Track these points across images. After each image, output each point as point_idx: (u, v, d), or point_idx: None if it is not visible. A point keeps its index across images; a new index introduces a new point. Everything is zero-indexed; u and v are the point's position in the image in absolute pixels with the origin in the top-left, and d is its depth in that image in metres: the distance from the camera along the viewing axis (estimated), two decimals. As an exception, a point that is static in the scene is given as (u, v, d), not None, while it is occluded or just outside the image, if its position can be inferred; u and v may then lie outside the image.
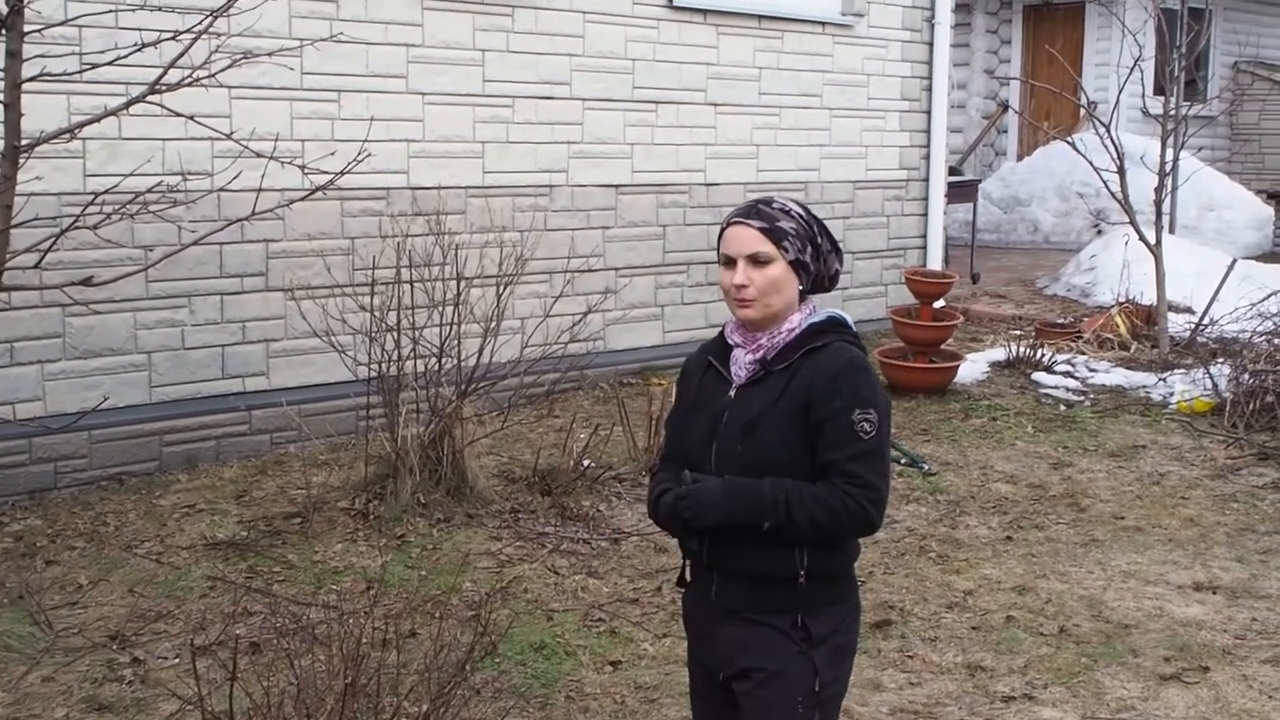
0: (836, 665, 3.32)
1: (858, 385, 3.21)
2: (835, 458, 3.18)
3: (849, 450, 3.17)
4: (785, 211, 3.31)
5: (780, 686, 3.26)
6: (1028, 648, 5.78)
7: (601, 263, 9.63)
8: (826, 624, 3.28)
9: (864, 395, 3.20)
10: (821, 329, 3.32)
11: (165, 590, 6.02)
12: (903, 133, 11.72)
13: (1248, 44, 22.08)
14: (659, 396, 8.24)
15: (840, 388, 3.20)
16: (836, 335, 3.32)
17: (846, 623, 3.35)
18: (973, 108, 23.75)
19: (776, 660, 3.26)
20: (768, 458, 3.23)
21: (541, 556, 6.54)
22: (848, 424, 3.18)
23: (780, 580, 3.25)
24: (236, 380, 7.90)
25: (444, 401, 7.03)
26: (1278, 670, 5.62)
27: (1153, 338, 11.47)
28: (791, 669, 3.26)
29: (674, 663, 5.51)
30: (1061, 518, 7.50)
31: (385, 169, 8.31)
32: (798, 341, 3.30)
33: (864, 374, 3.25)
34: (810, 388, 3.22)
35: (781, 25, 10.69)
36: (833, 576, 3.31)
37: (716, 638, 3.38)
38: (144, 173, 6.90)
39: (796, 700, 3.26)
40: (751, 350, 3.34)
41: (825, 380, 3.21)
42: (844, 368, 3.23)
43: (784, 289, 3.29)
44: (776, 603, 3.27)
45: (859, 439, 3.18)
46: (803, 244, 3.29)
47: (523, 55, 9.04)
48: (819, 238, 3.33)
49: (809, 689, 3.26)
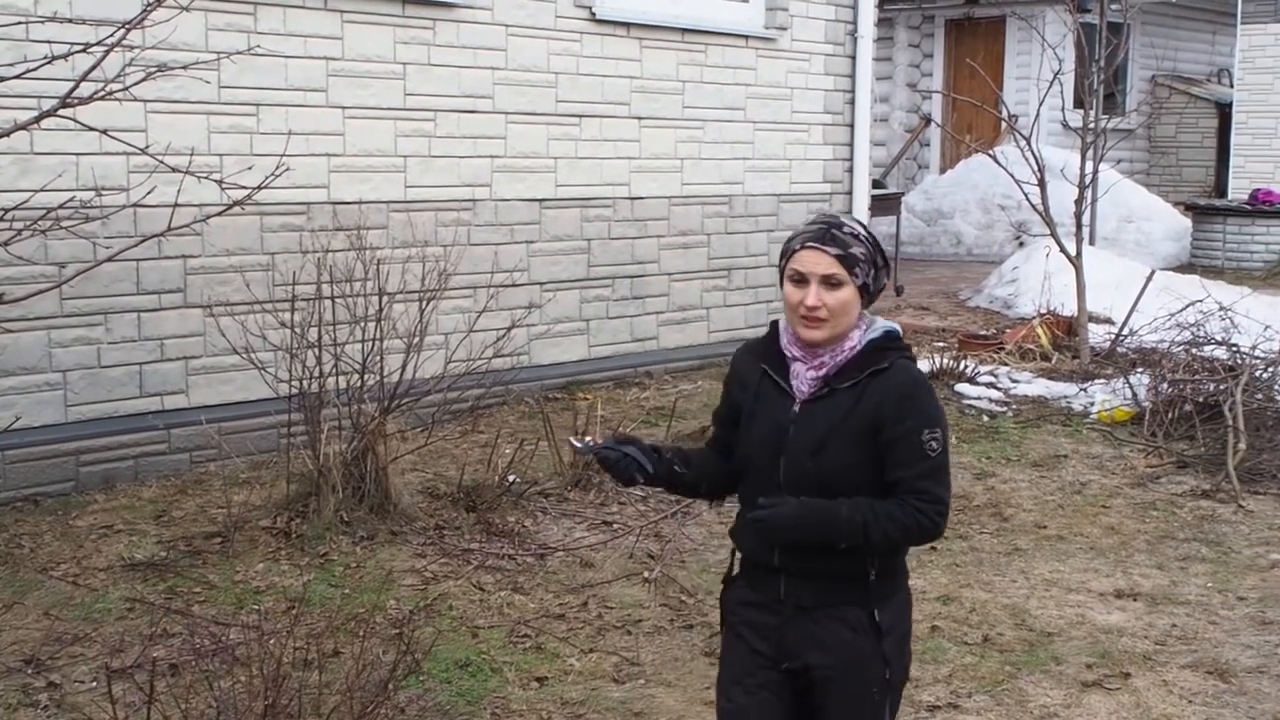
0: (903, 653, 3.52)
1: (926, 405, 3.39)
2: (905, 475, 3.35)
3: (919, 468, 3.35)
4: (855, 236, 3.43)
5: (857, 679, 3.44)
6: (952, 657, 5.79)
7: (525, 277, 9.59)
8: (891, 614, 3.46)
9: (931, 415, 3.39)
10: (881, 346, 3.45)
11: (82, 613, 5.91)
12: (826, 146, 11.74)
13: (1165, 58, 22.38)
14: (584, 411, 8.22)
15: (910, 409, 3.36)
16: (897, 353, 3.45)
17: (906, 610, 3.56)
18: (895, 121, 23.92)
19: (851, 654, 3.42)
20: (838, 475, 3.37)
21: (466, 573, 6.48)
22: (918, 443, 3.35)
23: (852, 578, 3.42)
24: (155, 398, 7.79)
25: (367, 418, 6.97)
26: (1197, 675, 5.67)
27: (1074, 348, 11.56)
28: (866, 661, 3.43)
29: (600, 678, 5.49)
30: (985, 527, 7.54)
31: (305, 184, 8.23)
32: (860, 359, 3.43)
33: (929, 392, 3.44)
34: (880, 407, 3.36)
35: (705, 39, 10.70)
36: (894, 570, 3.50)
37: (783, 632, 3.49)
38: (57, 188, 6.80)
39: (872, 690, 3.45)
40: (813, 366, 3.47)
41: (895, 401, 3.36)
42: (912, 388, 3.40)
43: (852, 311, 3.43)
44: (849, 597, 3.43)
45: (927, 457, 3.35)
46: (870, 268, 3.43)
47: (445, 68, 8.99)
48: (878, 258, 3.47)
49: (881, 678, 3.45)
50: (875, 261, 3.45)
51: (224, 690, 4.72)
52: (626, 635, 5.94)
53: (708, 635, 5.91)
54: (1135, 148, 23.62)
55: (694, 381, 10.34)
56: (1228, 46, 24.32)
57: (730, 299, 11.08)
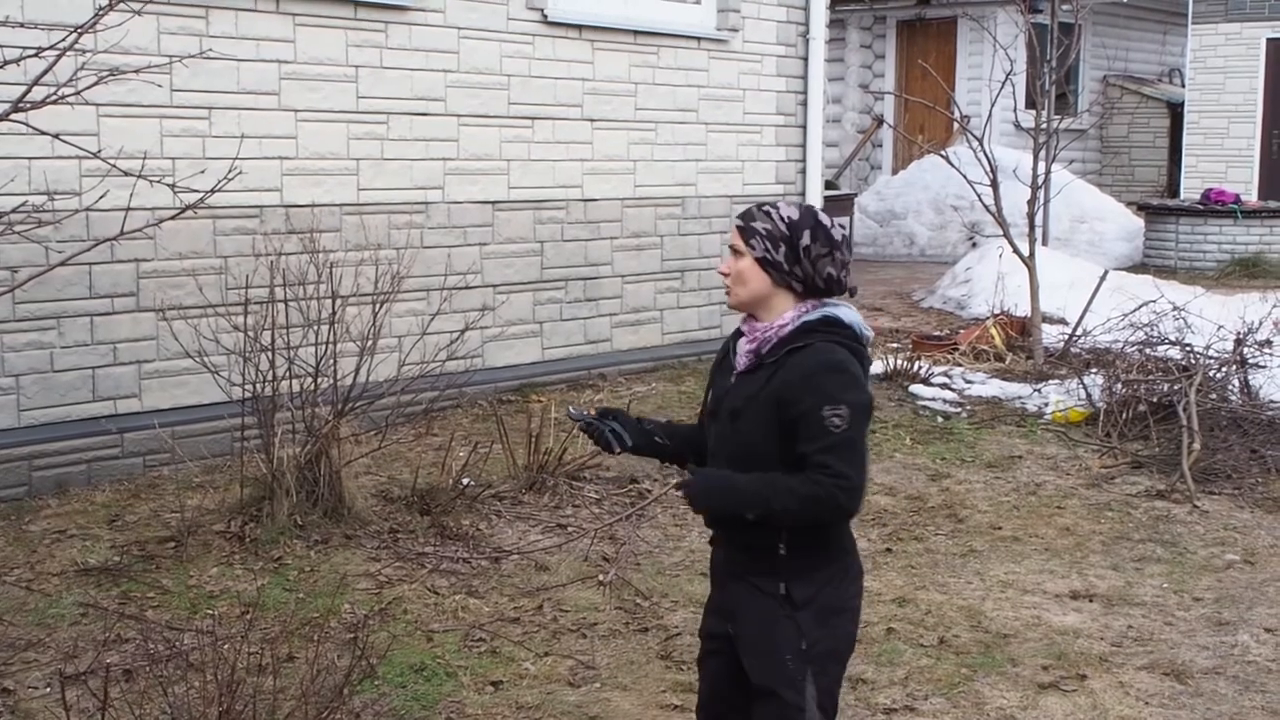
0: (824, 624, 3.62)
1: (825, 384, 3.48)
2: (807, 450, 3.47)
3: (820, 443, 3.45)
4: (767, 214, 3.62)
5: (770, 647, 3.62)
6: (908, 659, 5.81)
7: (479, 280, 9.57)
8: (809, 588, 3.60)
9: (832, 393, 3.47)
10: (813, 327, 3.58)
11: (35, 618, 5.87)
12: (779, 147, 11.76)
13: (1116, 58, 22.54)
14: (538, 413, 8.21)
15: (810, 386, 3.48)
16: (825, 334, 3.56)
17: (833, 585, 3.65)
18: (848, 122, 24.01)
19: (765, 624, 3.63)
20: (750, 443, 3.57)
21: (421, 576, 6.47)
22: (818, 419, 3.45)
23: (764, 548, 3.60)
24: (108, 402, 7.74)
25: (320, 421, 6.94)
26: (1154, 677, 5.70)
27: (1027, 349, 11.62)
28: (778, 631, 3.61)
29: (555, 682, 5.49)
30: (940, 529, 7.57)
31: (258, 187, 8.20)
32: (789, 337, 3.57)
33: (837, 374, 3.51)
34: (785, 385, 3.51)
35: (657, 40, 10.70)
36: (814, 546, 3.62)
37: (723, 593, 3.81)
38: (8, 192, 6.76)
39: (785, 658, 3.60)
40: (750, 340, 3.66)
41: (798, 379, 3.50)
42: (816, 368, 3.50)
43: (749, 282, 3.62)
44: (764, 568, 3.62)
45: (829, 433, 3.45)
46: (773, 244, 3.58)
47: (397, 71, 8.96)
48: (803, 240, 3.57)
49: (795, 648, 3.59)
50: (791, 242, 3.57)
51: (178, 696, 4.69)
52: (582, 639, 5.94)
53: (663, 638, 5.92)
54: (1088, 148, 23.78)
55: (648, 384, 10.34)
56: (1179, 46, 24.53)
57: (684, 301, 11.09)
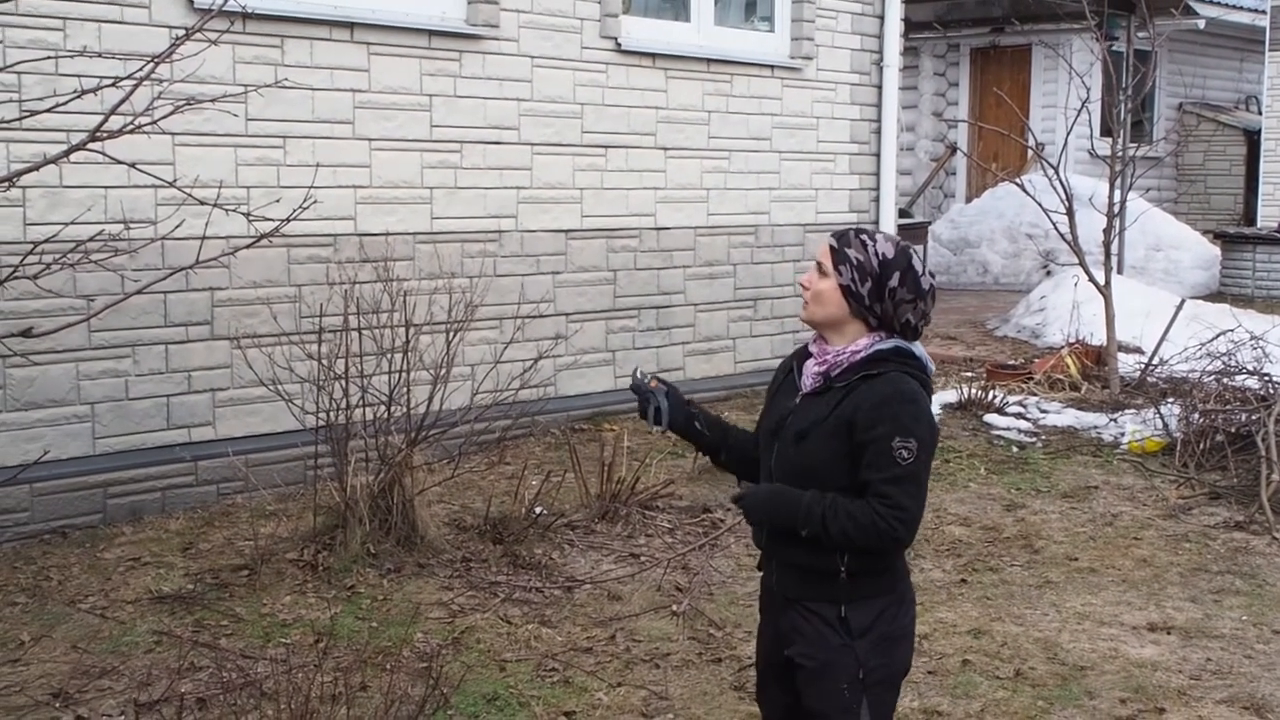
0: (883, 653, 3.62)
1: (900, 414, 3.49)
2: (872, 478, 3.48)
3: (886, 473, 3.46)
4: (863, 244, 3.59)
5: (826, 675, 3.61)
6: (984, 691, 5.74)
7: (552, 308, 9.58)
8: (867, 615, 3.60)
9: (905, 424, 3.48)
10: (885, 356, 3.58)
11: (110, 646, 5.90)
12: (852, 175, 11.72)
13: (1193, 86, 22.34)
14: (610, 442, 8.19)
15: (884, 415, 3.48)
16: (898, 365, 3.57)
17: (890, 612, 3.64)
18: (921, 150, 23.90)
19: (823, 651, 3.61)
20: (813, 465, 3.56)
21: (494, 606, 6.45)
22: (887, 449, 3.46)
23: (824, 573, 3.59)
24: (182, 430, 7.80)
25: (393, 450, 6.95)
26: (1233, 710, 5.60)
27: (1103, 378, 11.50)
28: (836, 659, 3.60)
29: (628, 712, 5.45)
30: (1015, 559, 7.48)
31: (332, 215, 8.24)
32: (860, 364, 3.57)
33: (910, 404, 3.52)
34: (856, 410, 3.51)
35: (730, 69, 10.70)
36: (874, 572, 3.61)
37: (778, 619, 3.76)
38: (85, 221, 6.82)
39: (842, 687, 3.60)
40: (820, 363, 3.66)
41: (871, 406, 3.49)
42: (891, 396, 3.51)
43: (827, 304, 3.62)
44: (822, 593, 3.62)
45: (896, 464, 3.46)
46: (861, 276, 3.56)
47: (470, 100, 9.00)
48: (890, 281, 3.56)
49: (853, 676, 3.59)
50: (879, 279, 3.56)
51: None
52: (655, 669, 5.90)
53: (736, 669, 5.87)
54: (1163, 176, 23.58)
55: (720, 412, 10.30)
56: (1255, 74, 24.29)
57: (756, 329, 11.06)
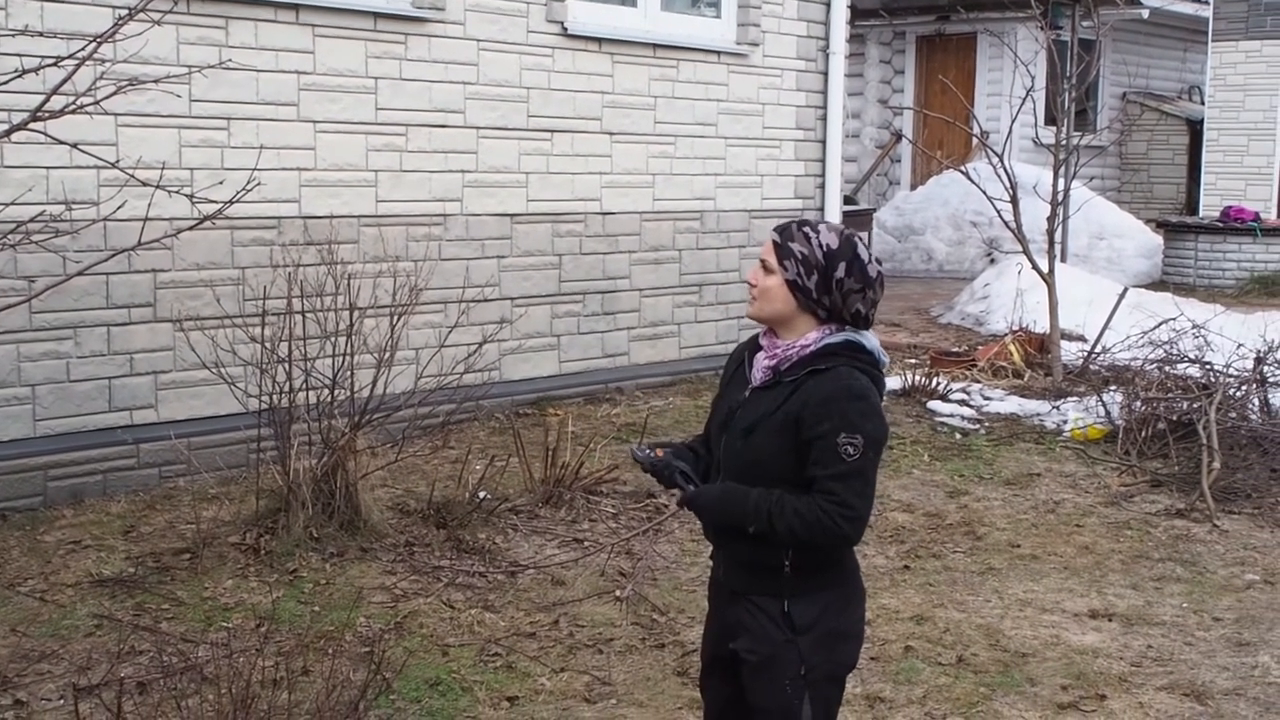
0: (827, 649, 3.60)
1: (847, 411, 3.45)
2: (818, 474, 3.45)
3: (831, 470, 3.43)
4: (806, 237, 3.55)
5: (769, 670, 3.60)
6: (926, 678, 5.77)
7: (497, 292, 9.55)
8: (811, 611, 3.58)
9: (852, 420, 3.44)
10: (834, 350, 3.55)
11: (49, 629, 5.85)
12: (798, 162, 11.74)
13: (1136, 75, 22.48)
14: (555, 427, 8.18)
15: (830, 412, 3.44)
16: (848, 359, 3.54)
17: (836, 608, 3.62)
18: (867, 137, 23.98)
19: (766, 646, 3.59)
20: (760, 459, 3.54)
21: (437, 590, 6.44)
22: (833, 445, 3.43)
23: (768, 567, 3.57)
24: (124, 413, 7.73)
25: (337, 434, 6.92)
26: (1173, 697, 5.65)
27: (1046, 366, 11.57)
28: (779, 654, 3.58)
29: (571, 698, 5.45)
30: (958, 546, 7.52)
31: (276, 198, 8.19)
32: (810, 358, 3.54)
33: (858, 400, 3.48)
34: (804, 406, 3.48)
35: (677, 54, 10.68)
36: (819, 567, 3.59)
37: (724, 613, 3.74)
38: (27, 201, 6.76)
39: (784, 683, 3.58)
40: (769, 356, 3.62)
41: (818, 403, 3.46)
42: (838, 392, 3.47)
43: (774, 300, 3.58)
44: (766, 587, 3.59)
45: (841, 460, 3.43)
46: (807, 269, 3.53)
47: (416, 83, 8.95)
48: (837, 272, 3.53)
49: (795, 673, 3.57)
50: (825, 271, 3.51)
51: (192, 709, 4.67)
52: (598, 654, 5.91)
53: (680, 654, 5.88)
54: (1107, 165, 23.74)
55: (665, 398, 10.31)
56: (1199, 64, 24.49)
57: (702, 315, 11.07)
